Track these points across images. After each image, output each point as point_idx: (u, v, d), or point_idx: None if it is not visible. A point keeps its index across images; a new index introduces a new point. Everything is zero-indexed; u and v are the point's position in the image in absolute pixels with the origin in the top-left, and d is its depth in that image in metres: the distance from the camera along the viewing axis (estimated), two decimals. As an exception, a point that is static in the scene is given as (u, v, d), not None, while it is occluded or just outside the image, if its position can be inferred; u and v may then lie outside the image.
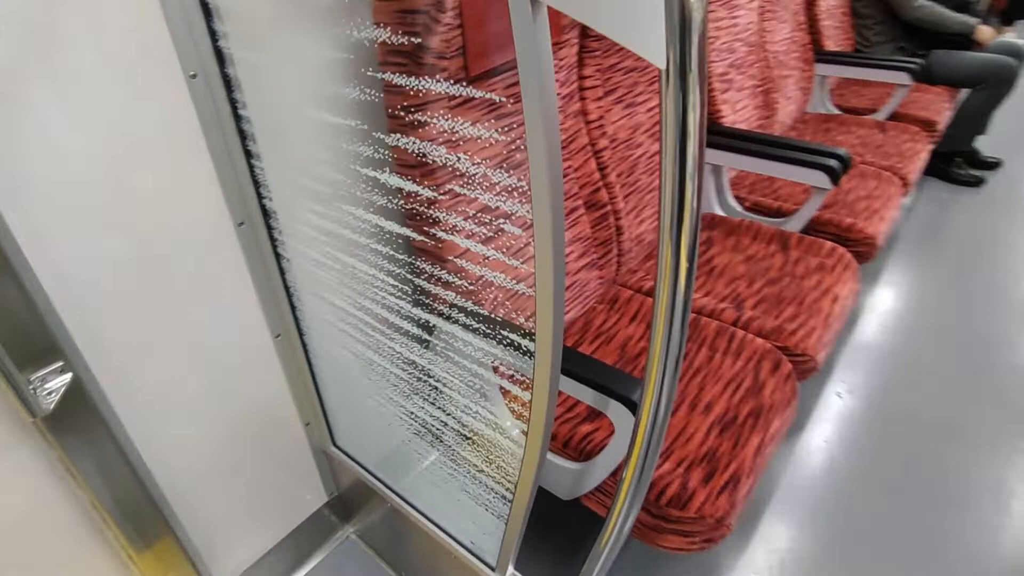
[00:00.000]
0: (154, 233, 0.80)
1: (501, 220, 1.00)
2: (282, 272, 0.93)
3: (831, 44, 2.31)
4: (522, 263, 0.99)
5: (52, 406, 0.71)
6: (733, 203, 1.70)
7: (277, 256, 0.92)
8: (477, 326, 0.77)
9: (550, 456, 1.01)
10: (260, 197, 0.86)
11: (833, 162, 1.43)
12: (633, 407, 0.79)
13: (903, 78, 2.09)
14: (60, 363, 0.73)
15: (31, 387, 0.70)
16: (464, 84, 0.92)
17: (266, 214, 0.87)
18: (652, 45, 0.38)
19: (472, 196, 0.98)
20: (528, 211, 0.51)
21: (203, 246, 0.86)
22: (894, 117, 2.19)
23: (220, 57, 0.77)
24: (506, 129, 1.03)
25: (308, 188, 0.86)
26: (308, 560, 1.28)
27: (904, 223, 2.31)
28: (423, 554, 1.10)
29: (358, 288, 0.90)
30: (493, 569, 0.90)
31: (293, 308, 0.98)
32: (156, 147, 0.76)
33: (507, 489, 0.82)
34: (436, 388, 0.87)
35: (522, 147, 1.05)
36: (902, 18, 2.37)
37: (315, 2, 0.79)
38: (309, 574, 1.27)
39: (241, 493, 1.08)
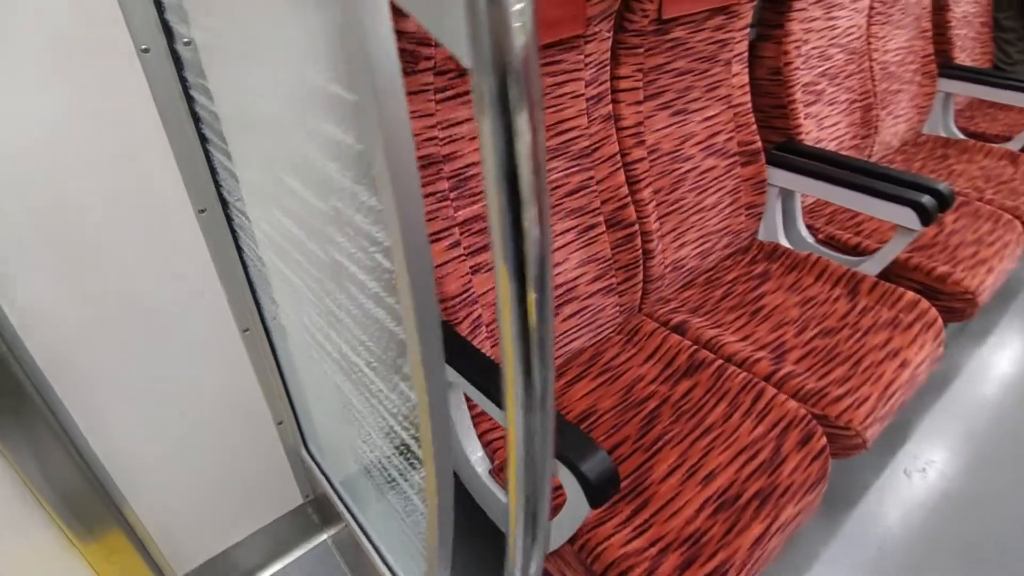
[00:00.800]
0: (108, 209, 0.76)
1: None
2: (244, 265, 0.87)
3: (964, 57, 1.97)
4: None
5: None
6: (804, 233, 1.47)
7: (238, 248, 0.86)
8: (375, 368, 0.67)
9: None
10: (217, 185, 0.80)
11: (926, 198, 1.18)
12: (584, 481, 0.65)
13: (1049, 102, 1.73)
14: (-18, 338, 0.70)
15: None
16: (454, 76, 0.81)
17: (224, 203, 0.82)
18: (458, 35, 0.26)
19: (459, 202, 0.88)
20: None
21: (161, 228, 0.81)
22: (1033, 148, 1.84)
23: (168, 33, 0.71)
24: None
25: (260, 181, 0.79)
26: (279, 559, 1.24)
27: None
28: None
29: (302, 296, 0.82)
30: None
31: (258, 304, 0.92)
32: (106, 121, 0.72)
33: (419, 549, 0.71)
34: (359, 422, 0.78)
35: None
36: (1060, 32, 1.98)
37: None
38: (279, 572, 1.23)
39: (204, 485, 1.05)
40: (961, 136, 1.96)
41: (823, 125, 1.53)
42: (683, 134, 1.20)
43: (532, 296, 0.31)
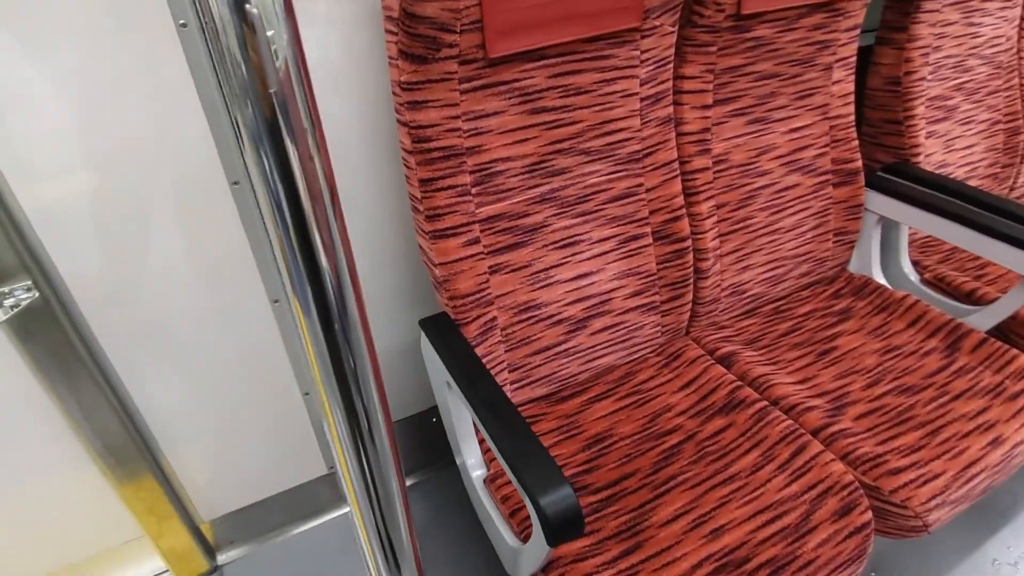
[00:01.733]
0: (148, 178, 0.81)
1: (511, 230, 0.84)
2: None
3: None
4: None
5: (4, 318, 0.76)
6: (908, 270, 1.27)
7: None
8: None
9: (500, 522, 0.85)
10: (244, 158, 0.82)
11: (1063, 246, 0.97)
12: (541, 515, 0.60)
13: None
14: (27, 282, 0.77)
15: (-7, 298, 0.75)
16: (482, 66, 0.77)
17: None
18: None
19: (482, 198, 0.84)
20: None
21: (198, 198, 0.85)
22: None
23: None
24: (550, 126, 0.86)
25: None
26: (302, 522, 1.29)
27: None
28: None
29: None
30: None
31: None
32: (146, 95, 0.76)
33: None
34: None
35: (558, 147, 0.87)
36: None
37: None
38: (299, 535, 1.27)
39: (234, 443, 1.10)
40: None
41: (952, 147, 1.31)
42: (760, 145, 1.07)
43: (336, 327, 0.27)
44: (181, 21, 0.73)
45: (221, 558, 1.22)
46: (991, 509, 1.21)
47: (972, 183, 1.36)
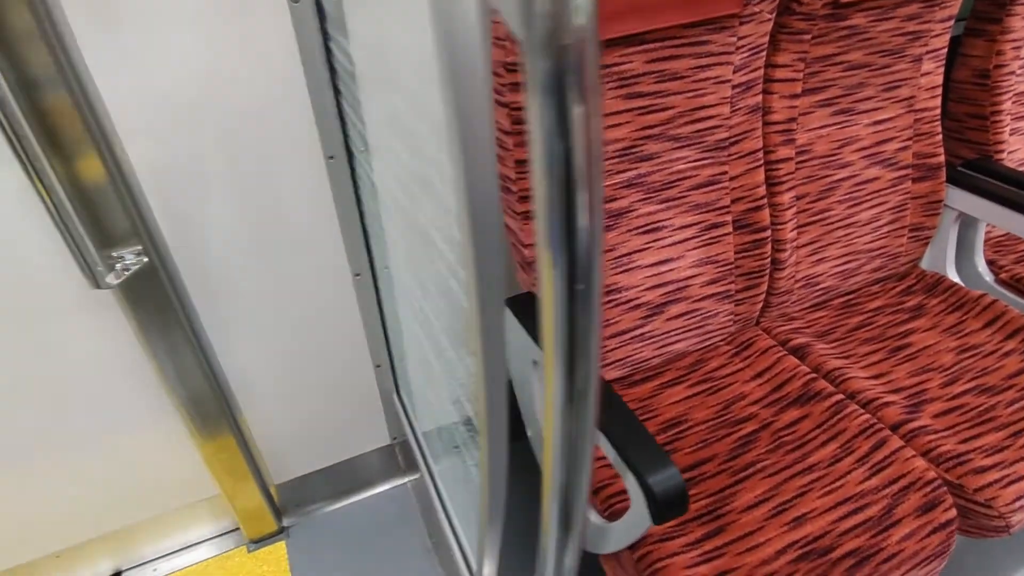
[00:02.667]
0: (249, 149, 0.83)
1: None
2: (361, 214, 0.92)
3: None
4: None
5: (118, 282, 0.79)
6: (982, 269, 1.25)
7: (357, 198, 0.90)
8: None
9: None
10: (345, 135, 0.84)
11: None
12: (648, 492, 0.61)
13: None
14: (138, 247, 0.81)
15: (108, 262, 0.78)
16: (586, 48, 0.77)
17: (349, 153, 0.85)
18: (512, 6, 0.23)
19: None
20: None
21: (294, 170, 0.88)
22: None
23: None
24: (643, 112, 0.86)
25: (386, 136, 0.81)
26: (363, 490, 1.32)
27: None
28: (443, 539, 1.05)
29: (418, 251, 0.84)
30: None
31: (369, 251, 0.96)
32: (255, 68, 0.78)
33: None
34: (459, 396, 0.79)
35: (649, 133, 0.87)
36: None
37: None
38: (359, 503, 1.31)
39: (307, 410, 1.14)
40: None
41: (1035, 143, 1.28)
42: (844, 137, 1.06)
43: (578, 287, 0.28)
44: (294, -2, 0.75)
45: (286, 520, 1.26)
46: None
47: (1053, 182, 1.33)
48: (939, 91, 1.10)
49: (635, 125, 0.86)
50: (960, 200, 1.18)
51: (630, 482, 0.66)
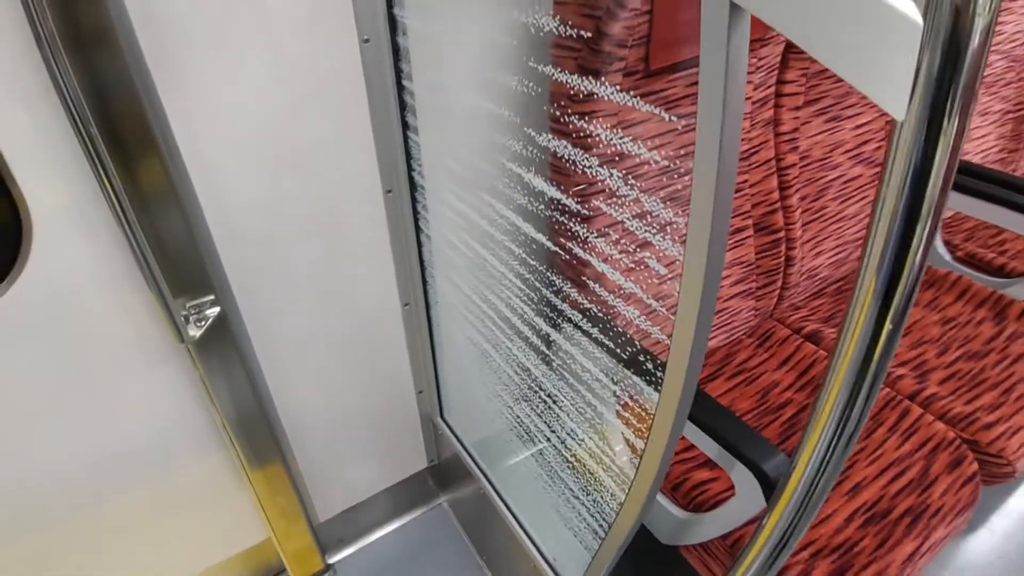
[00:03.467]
0: (310, 187, 0.83)
1: (647, 251, 0.91)
2: (419, 245, 0.93)
3: None
4: (663, 305, 0.90)
5: (199, 335, 0.77)
6: (941, 250, 1.42)
7: (417, 229, 0.91)
8: (600, 356, 0.71)
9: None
10: (410, 169, 0.85)
11: (1098, 224, 1.12)
12: (763, 478, 0.68)
13: None
14: (212, 296, 0.79)
15: (184, 314, 0.76)
16: (640, 77, 0.83)
17: (413, 186, 0.87)
18: (891, 89, 0.28)
19: (620, 217, 0.90)
20: (679, 250, 0.43)
21: (351, 205, 0.88)
22: None
23: (393, 25, 0.76)
24: (680, 132, 0.93)
25: (455, 169, 0.84)
26: (399, 517, 1.32)
27: None
28: (505, 548, 1.08)
29: (485, 280, 0.87)
30: (568, 596, 0.85)
31: (424, 282, 0.98)
32: (322, 105, 0.78)
33: (600, 525, 0.75)
34: (546, 403, 0.83)
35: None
36: None
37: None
38: (398, 530, 1.31)
39: (350, 442, 1.13)
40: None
41: (970, 137, 1.46)
42: (834, 141, 1.17)
43: (888, 327, 0.33)
44: (365, 37, 0.76)
45: (330, 558, 1.24)
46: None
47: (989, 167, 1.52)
48: (904, 96, 1.25)
49: (676, 144, 0.93)
50: (923, 190, 1.33)
51: (738, 472, 0.72)
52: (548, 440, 0.85)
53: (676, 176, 0.95)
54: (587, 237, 0.82)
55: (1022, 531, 1.25)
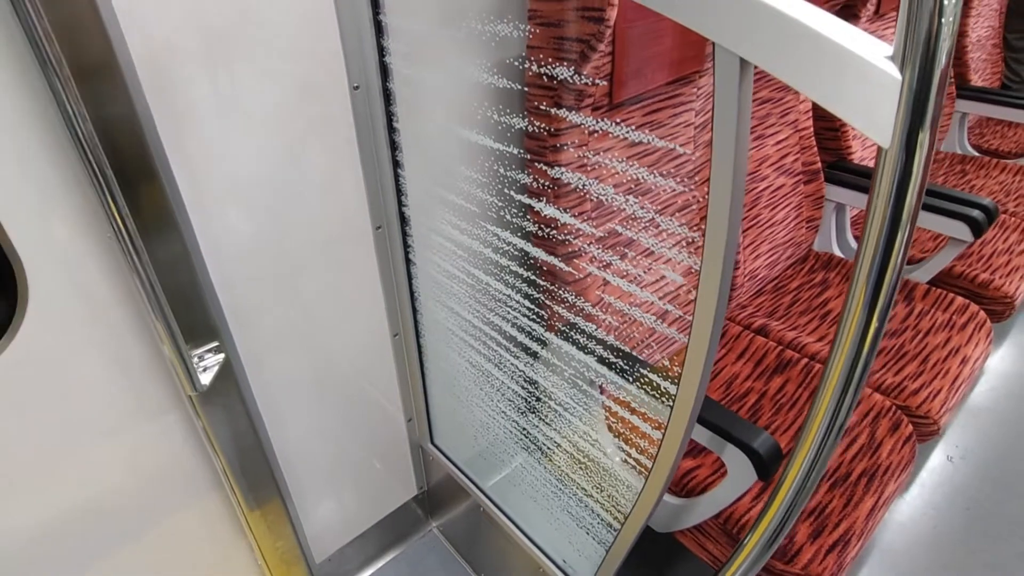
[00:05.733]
0: (302, 227, 0.86)
1: (642, 254, 1.00)
2: (410, 277, 0.97)
3: (976, 79, 2.15)
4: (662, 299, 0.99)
5: (208, 382, 0.77)
6: (854, 245, 1.61)
7: (408, 261, 0.96)
8: (616, 361, 0.78)
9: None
10: (400, 204, 0.90)
11: (977, 213, 1.33)
12: (755, 456, 0.77)
13: (1058, 124, 1.91)
14: (216, 343, 0.79)
15: (193, 362, 0.76)
16: (606, 111, 0.93)
17: (403, 221, 0.92)
18: (878, 124, 0.37)
19: (597, 220, 0.99)
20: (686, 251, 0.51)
21: (341, 244, 0.91)
22: (1042, 164, 2.01)
23: (384, 72, 0.81)
24: (640, 156, 1.03)
25: (445, 200, 0.89)
26: (391, 549, 1.33)
27: (1040, 280, 2.11)
28: (507, 560, 1.12)
29: (482, 300, 0.92)
30: (583, 593, 0.90)
31: (415, 311, 1.02)
32: (314, 149, 0.82)
33: (614, 518, 0.82)
34: (555, 411, 0.89)
35: (659, 174, 1.05)
36: (1062, 57, 2.17)
37: (473, 30, 0.82)
38: (391, 562, 1.32)
39: (343, 477, 1.14)
40: (975, 153, 2.14)
41: (865, 145, 1.68)
42: (760, 156, 1.33)
43: (874, 326, 0.42)
44: (355, 84, 0.81)
45: (326, 598, 1.23)
46: (937, 418, 1.57)
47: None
48: (811, 113, 1.43)
49: (636, 167, 1.03)
50: (833, 193, 1.52)
51: (729, 453, 0.81)
52: (558, 446, 0.91)
53: (640, 194, 1.05)
54: (567, 252, 0.89)
55: (945, 482, 1.43)
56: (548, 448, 0.93)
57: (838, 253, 1.58)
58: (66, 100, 0.56)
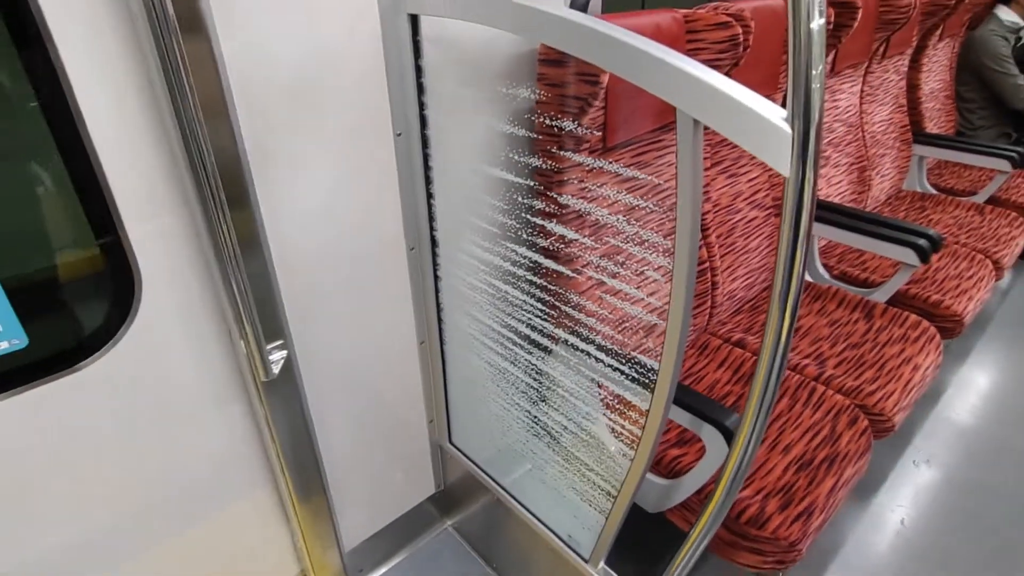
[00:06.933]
0: (348, 248, 1.03)
1: (637, 264, 1.18)
2: (437, 290, 1.15)
3: (932, 126, 2.39)
4: (648, 302, 1.16)
5: (276, 372, 0.94)
6: (821, 270, 1.81)
7: (436, 276, 1.14)
8: (612, 347, 0.95)
9: (640, 473, 1.16)
10: (432, 229, 1.09)
11: (923, 241, 1.52)
12: (727, 432, 0.94)
13: (1003, 165, 2.14)
14: (281, 340, 0.96)
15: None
16: (600, 153, 1.13)
17: (433, 242, 1.10)
18: (780, 160, 0.56)
19: (603, 242, 1.18)
20: (667, 261, 0.69)
21: (381, 263, 1.09)
22: (993, 201, 2.23)
23: (423, 122, 1.01)
24: (632, 188, 1.23)
25: (470, 223, 1.08)
26: (409, 545, 1.46)
27: (999, 306, 2.31)
28: (519, 545, 1.26)
29: (502, 307, 1.10)
30: (587, 561, 1.05)
31: (440, 320, 1.19)
32: (361, 185, 1.00)
33: (612, 486, 0.98)
34: (564, 397, 1.05)
35: (651, 207, 1.24)
36: (1009, 107, 2.42)
37: (496, 91, 1.02)
38: (408, 558, 1.45)
39: (371, 474, 1.29)
40: (933, 191, 2.36)
41: (831, 183, 1.89)
42: (735, 192, 1.53)
43: (787, 321, 0.60)
44: (398, 132, 1.00)
45: (354, 587, 1.36)
46: (903, 429, 1.74)
47: (847, 206, 1.95)
48: (778, 155, 1.64)
49: (624, 204, 1.23)
50: (802, 225, 1.72)
51: (707, 432, 0.98)
52: (565, 428, 1.08)
53: (632, 221, 1.24)
54: (575, 265, 1.07)
55: (912, 483, 1.59)
56: (556, 432, 1.10)
57: (808, 278, 1.77)
58: (198, 135, 0.74)
